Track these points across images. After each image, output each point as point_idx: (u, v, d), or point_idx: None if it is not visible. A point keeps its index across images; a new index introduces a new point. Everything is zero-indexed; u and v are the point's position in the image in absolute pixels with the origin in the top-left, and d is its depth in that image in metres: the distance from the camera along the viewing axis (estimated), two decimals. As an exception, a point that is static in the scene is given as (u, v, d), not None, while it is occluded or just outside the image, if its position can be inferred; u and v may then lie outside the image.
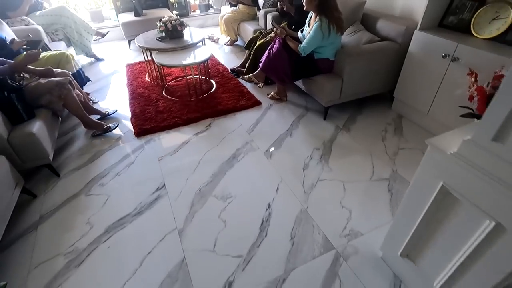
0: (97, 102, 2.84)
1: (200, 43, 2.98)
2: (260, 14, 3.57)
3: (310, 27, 2.22)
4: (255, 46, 2.93)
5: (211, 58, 3.54)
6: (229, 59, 3.73)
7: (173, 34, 2.93)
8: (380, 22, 2.43)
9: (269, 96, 2.78)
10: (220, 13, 4.87)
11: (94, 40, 3.96)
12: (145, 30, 3.50)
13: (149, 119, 2.49)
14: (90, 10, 5.03)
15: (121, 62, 3.71)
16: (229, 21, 3.90)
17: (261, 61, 2.53)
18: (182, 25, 2.93)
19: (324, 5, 2.09)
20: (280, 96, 2.73)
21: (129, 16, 4.07)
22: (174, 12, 4.98)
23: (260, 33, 3.11)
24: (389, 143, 2.19)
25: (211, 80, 3.10)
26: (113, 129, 2.39)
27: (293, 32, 2.53)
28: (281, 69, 2.41)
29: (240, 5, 3.88)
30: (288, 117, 2.51)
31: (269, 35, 2.93)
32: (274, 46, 2.42)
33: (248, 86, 2.99)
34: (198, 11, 5.71)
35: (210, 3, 5.68)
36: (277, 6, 3.29)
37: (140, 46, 2.85)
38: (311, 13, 2.29)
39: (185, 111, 2.58)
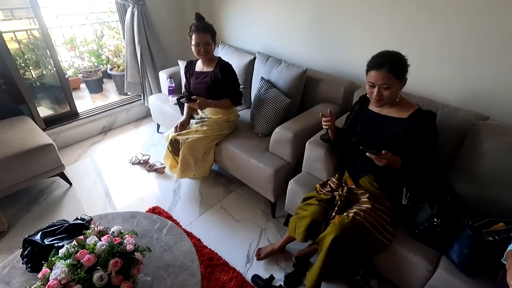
0: None
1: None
2: (285, 135, 1.64)
3: None
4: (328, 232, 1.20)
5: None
6: (222, 229, 1.77)
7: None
8: None
9: None
10: (142, 101, 2.77)
11: None
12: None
13: None
14: None
15: None
16: (199, 149, 1.84)
17: None
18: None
19: None
20: None
21: None
22: (46, 111, 2.53)
23: (332, 198, 1.35)
24: None
25: None
26: None
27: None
28: None
29: (208, 110, 1.93)
30: None
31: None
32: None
33: None
34: (85, 92, 3.40)
35: (109, 70, 3.37)
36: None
37: None
38: None
39: None
